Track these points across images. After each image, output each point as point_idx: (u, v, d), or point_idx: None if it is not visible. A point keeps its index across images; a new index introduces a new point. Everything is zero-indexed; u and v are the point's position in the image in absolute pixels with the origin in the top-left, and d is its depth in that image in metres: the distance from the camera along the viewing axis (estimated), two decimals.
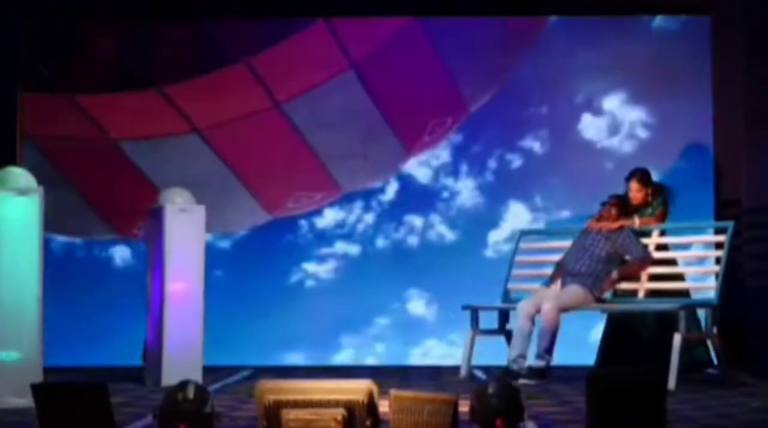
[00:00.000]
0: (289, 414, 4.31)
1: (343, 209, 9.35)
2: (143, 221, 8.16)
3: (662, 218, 7.86)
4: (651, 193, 7.86)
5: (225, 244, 9.32)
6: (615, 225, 7.70)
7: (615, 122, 9.24)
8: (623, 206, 7.82)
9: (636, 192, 7.85)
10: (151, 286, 7.41)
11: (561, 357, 7.59)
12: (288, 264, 9.31)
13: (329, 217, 9.35)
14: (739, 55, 8.56)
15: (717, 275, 7.29)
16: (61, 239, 9.19)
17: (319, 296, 9.25)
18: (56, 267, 8.57)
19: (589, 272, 7.62)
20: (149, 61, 9.33)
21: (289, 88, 9.23)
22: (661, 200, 7.86)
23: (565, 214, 9.17)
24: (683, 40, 9.12)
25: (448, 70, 9.24)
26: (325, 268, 9.33)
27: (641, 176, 7.87)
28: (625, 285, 7.74)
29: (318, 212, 9.34)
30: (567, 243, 8.02)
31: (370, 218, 9.35)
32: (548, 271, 7.98)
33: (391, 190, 9.37)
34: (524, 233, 8.51)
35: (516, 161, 9.30)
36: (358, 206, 9.34)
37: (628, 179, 7.90)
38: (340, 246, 9.34)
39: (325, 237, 9.35)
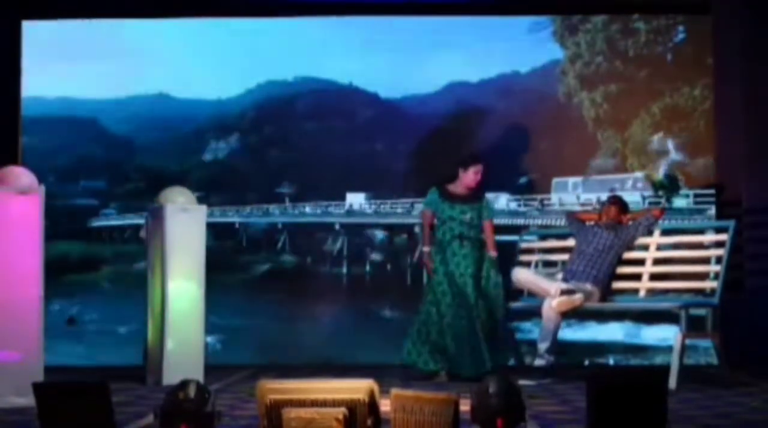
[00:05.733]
0: (291, 414, 4.32)
1: None
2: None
3: None
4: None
5: None
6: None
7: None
8: (622, 204, 7.89)
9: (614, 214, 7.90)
10: (152, 286, 7.41)
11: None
12: None
13: None
14: (739, 55, 8.56)
15: (717, 275, 7.30)
16: None
17: None
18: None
19: (590, 269, 7.65)
20: None
21: None
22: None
23: None
24: (683, 39, 9.12)
25: None
26: None
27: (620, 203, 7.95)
28: (624, 285, 7.76)
29: None
30: (566, 243, 8.04)
31: None
32: (549, 271, 7.99)
33: None
34: (524, 233, 8.51)
35: None
36: None
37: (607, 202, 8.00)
38: None
39: None
